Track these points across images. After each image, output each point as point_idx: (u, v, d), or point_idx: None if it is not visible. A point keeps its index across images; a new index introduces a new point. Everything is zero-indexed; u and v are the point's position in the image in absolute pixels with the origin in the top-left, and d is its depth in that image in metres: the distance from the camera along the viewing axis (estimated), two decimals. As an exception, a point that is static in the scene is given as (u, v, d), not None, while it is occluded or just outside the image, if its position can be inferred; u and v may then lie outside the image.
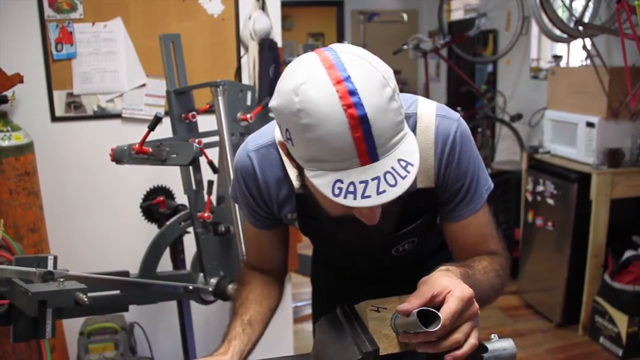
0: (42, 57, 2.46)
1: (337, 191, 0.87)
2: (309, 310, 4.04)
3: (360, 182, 0.87)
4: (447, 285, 0.90)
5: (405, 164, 0.88)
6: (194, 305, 2.21)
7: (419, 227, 1.22)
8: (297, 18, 10.05)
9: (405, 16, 7.53)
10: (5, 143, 2.20)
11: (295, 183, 1.14)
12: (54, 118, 2.52)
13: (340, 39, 7.58)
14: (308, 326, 3.78)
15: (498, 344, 0.99)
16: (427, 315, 0.85)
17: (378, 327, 0.92)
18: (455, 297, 0.87)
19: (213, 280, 2.00)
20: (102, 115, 2.57)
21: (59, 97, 2.51)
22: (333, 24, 8.04)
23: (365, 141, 0.85)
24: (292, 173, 1.14)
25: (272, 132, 1.18)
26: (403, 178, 0.88)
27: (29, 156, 2.28)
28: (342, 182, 0.87)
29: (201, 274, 2.03)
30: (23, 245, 2.17)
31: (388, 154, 0.88)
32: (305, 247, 4.88)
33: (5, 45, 2.40)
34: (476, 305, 0.90)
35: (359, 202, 0.87)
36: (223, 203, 2.07)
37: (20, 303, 1.33)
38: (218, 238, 2.03)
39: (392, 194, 0.87)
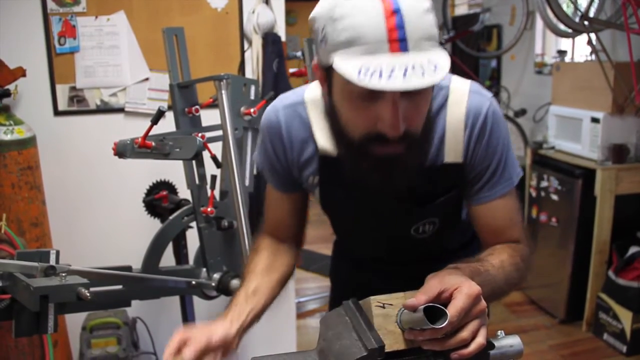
0: (44, 50, 2.45)
1: (361, 73, 0.87)
2: (312, 306, 4.04)
3: (387, 66, 0.86)
4: (455, 282, 0.88)
5: (434, 67, 0.88)
6: (197, 301, 2.21)
7: (441, 206, 1.19)
8: (301, 13, 10.02)
9: (409, 11, 7.50)
10: (8, 137, 2.20)
11: (321, 141, 1.15)
12: (57, 112, 2.52)
13: (343, 33, 7.54)
14: (311, 322, 3.78)
15: (504, 341, 0.98)
16: (434, 312, 0.84)
17: (383, 323, 0.91)
18: (462, 293, 0.85)
19: (216, 276, 1.99)
20: (105, 109, 2.56)
21: (62, 91, 2.50)
22: (336, 19, 8.01)
23: (397, 29, 0.86)
24: (319, 130, 1.15)
25: (301, 92, 1.20)
26: (431, 74, 0.87)
27: (31, 150, 2.28)
28: (368, 66, 0.87)
29: (204, 269, 2.02)
30: (25, 240, 2.17)
31: (418, 51, 0.88)
32: (308, 242, 4.88)
33: (8, 39, 2.39)
34: (484, 303, 0.89)
35: (384, 83, 0.86)
36: (226, 198, 2.06)
37: (22, 298, 1.32)
38: (221, 233, 2.02)
39: (418, 81, 0.86)
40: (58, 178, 2.53)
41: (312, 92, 1.19)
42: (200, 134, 1.93)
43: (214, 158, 1.98)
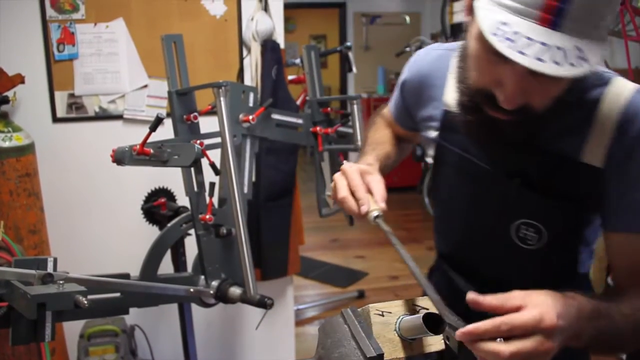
0: (43, 57, 2.45)
1: (498, 32, 0.79)
2: (310, 313, 4.04)
3: (526, 38, 0.78)
4: (539, 305, 0.77)
5: (580, 58, 0.78)
6: (195, 308, 2.20)
7: (552, 210, 1.03)
8: (300, 20, 10.07)
9: (407, 18, 7.53)
10: (6, 144, 2.19)
11: (449, 94, 1.12)
12: (55, 119, 2.51)
13: (342, 41, 7.57)
14: (310, 329, 3.77)
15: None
16: (433, 321, 0.83)
17: (382, 331, 0.91)
18: (531, 313, 0.76)
19: (214, 283, 1.98)
20: (103, 116, 2.56)
21: (61, 97, 2.50)
22: (335, 26, 8.03)
23: (558, 1, 0.77)
24: (452, 81, 1.11)
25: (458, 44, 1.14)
26: (570, 65, 0.77)
27: (29, 157, 2.27)
28: (508, 26, 0.79)
29: (202, 277, 2.01)
30: (23, 247, 2.16)
31: (570, 35, 0.78)
32: (306, 249, 4.89)
33: (6, 46, 2.39)
34: (550, 344, 0.76)
35: (512, 54, 0.78)
36: (225, 205, 2.05)
37: (19, 306, 1.32)
38: (219, 240, 2.01)
39: (549, 67, 0.77)
40: (56, 185, 2.53)
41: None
42: (198, 141, 1.92)
43: (212, 165, 1.97)
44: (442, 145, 1.17)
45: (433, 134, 1.21)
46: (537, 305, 0.77)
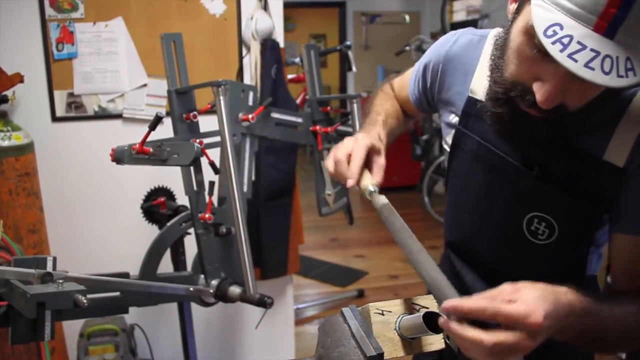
0: (42, 56, 2.44)
1: (549, 32, 0.78)
2: (310, 312, 4.04)
3: (578, 43, 0.77)
4: (527, 302, 0.76)
5: (629, 69, 0.77)
6: (195, 307, 2.20)
7: (567, 206, 1.03)
8: (299, 19, 10.06)
9: (407, 17, 7.52)
10: (6, 143, 2.19)
11: (477, 81, 1.11)
12: (55, 118, 2.51)
13: (342, 40, 7.57)
14: (310, 328, 3.77)
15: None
16: (434, 319, 0.83)
17: (382, 330, 0.90)
18: (519, 308, 0.75)
19: (214, 282, 1.98)
20: (103, 115, 2.56)
21: (60, 97, 2.50)
22: (335, 25, 8.04)
23: (617, 10, 0.75)
24: (481, 69, 1.11)
25: (491, 31, 1.16)
26: (618, 76, 0.76)
27: (29, 156, 2.27)
28: (561, 28, 0.77)
29: (202, 276, 2.01)
30: (23, 246, 2.16)
31: (624, 45, 0.77)
32: (306, 248, 4.89)
33: (5, 45, 2.38)
34: (532, 342, 0.76)
35: (563, 58, 0.77)
36: (224, 204, 2.05)
37: (18, 305, 1.31)
38: (219, 239, 2.01)
39: (596, 76, 0.76)
40: (56, 184, 2.52)
41: (498, 30, 1.08)
42: (198, 140, 1.92)
43: (212, 164, 1.97)
44: (462, 131, 1.16)
45: (452, 118, 1.20)
46: (526, 302, 0.76)
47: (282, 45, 2.64)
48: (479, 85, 1.09)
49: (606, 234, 1.07)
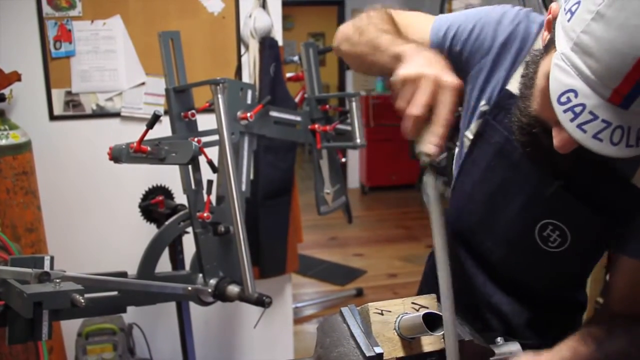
0: (40, 55, 2.44)
1: (563, 99, 0.76)
2: (309, 311, 4.03)
3: (590, 113, 0.75)
4: None
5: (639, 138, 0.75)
6: (193, 307, 2.19)
7: (586, 219, 1.02)
8: (298, 18, 10.05)
9: (406, 16, 7.51)
10: (3, 142, 2.18)
11: (516, 78, 1.04)
12: (52, 117, 2.50)
13: (340, 38, 7.55)
14: (308, 327, 3.77)
15: (504, 348, 0.97)
16: (433, 319, 0.83)
17: (382, 330, 0.90)
18: None
19: (212, 281, 1.97)
20: (101, 114, 2.55)
21: (58, 95, 2.49)
22: (334, 24, 8.02)
23: (635, 81, 0.71)
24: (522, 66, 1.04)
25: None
26: (627, 146, 0.75)
27: (26, 155, 2.26)
28: (576, 96, 0.75)
29: (200, 275, 2.00)
30: (21, 246, 2.15)
31: (637, 115, 0.74)
32: (305, 247, 4.88)
33: (3, 43, 2.38)
34: None
35: (571, 127, 0.76)
36: (223, 203, 2.04)
37: (15, 304, 1.30)
38: (217, 238, 2.00)
39: (606, 149, 0.75)
40: (53, 183, 2.52)
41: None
42: (196, 139, 1.92)
43: (210, 163, 1.96)
44: (490, 123, 1.12)
45: (482, 105, 1.14)
46: None
47: (280, 43, 2.64)
48: (517, 81, 1.05)
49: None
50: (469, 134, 1.17)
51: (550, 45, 0.85)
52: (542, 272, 1.10)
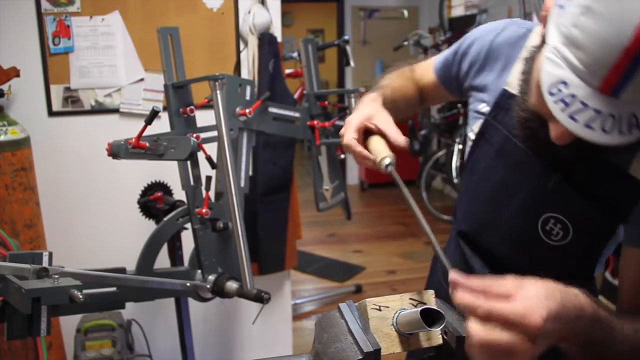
0: (39, 50, 2.43)
1: (554, 90, 0.78)
2: (308, 308, 4.03)
3: (581, 102, 0.77)
4: (527, 297, 0.72)
5: (634, 125, 0.77)
6: (192, 303, 2.19)
7: (586, 212, 1.03)
8: (297, 14, 10.04)
9: (405, 12, 7.51)
10: (2, 138, 2.18)
11: (514, 75, 1.10)
12: (51, 113, 2.50)
13: (340, 35, 7.55)
14: (307, 323, 3.77)
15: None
16: (431, 315, 0.83)
17: (379, 326, 0.90)
18: (515, 308, 0.70)
19: (211, 277, 1.97)
20: (99, 110, 2.55)
21: (56, 91, 2.48)
22: (333, 20, 8.01)
23: (623, 71, 0.73)
24: (520, 63, 1.08)
25: (535, 27, 1.14)
26: (619, 133, 0.77)
27: (25, 151, 2.26)
28: (567, 87, 0.77)
29: (199, 271, 2.01)
30: (19, 241, 2.15)
31: (632, 102, 0.76)
32: (304, 244, 4.89)
33: (1, 39, 2.37)
34: (529, 346, 0.70)
35: (562, 117, 0.78)
36: (221, 199, 2.04)
37: (14, 300, 1.31)
38: (216, 234, 2.00)
39: (598, 137, 0.77)
40: (52, 179, 2.51)
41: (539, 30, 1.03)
42: (195, 135, 1.91)
43: (209, 159, 1.96)
44: (490, 122, 1.15)
45: (483, 107, 1.18)
46: (527, 299, 0.71)
47: (279, 39, 2.63)
48: (516, 80, 1.08)
49: (614, 245, 1.08)
50: (472, 135, 1.21)
51: (544, 40, 0.87)
52: (548, 266, 1.09)
